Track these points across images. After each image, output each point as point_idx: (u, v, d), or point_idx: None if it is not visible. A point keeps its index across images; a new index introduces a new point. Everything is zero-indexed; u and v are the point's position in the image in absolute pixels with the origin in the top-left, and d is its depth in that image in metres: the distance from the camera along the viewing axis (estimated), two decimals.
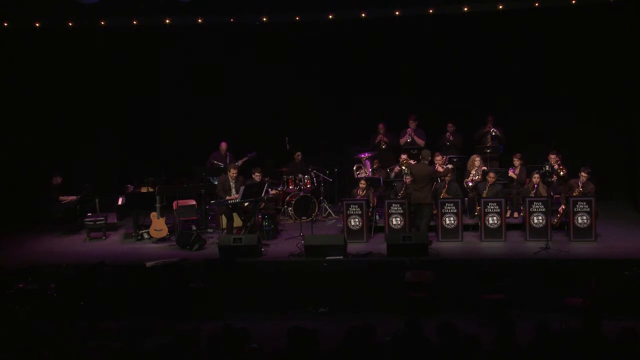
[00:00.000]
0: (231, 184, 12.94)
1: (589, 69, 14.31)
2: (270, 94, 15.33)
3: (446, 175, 12.84)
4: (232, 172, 12.98)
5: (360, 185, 13.09)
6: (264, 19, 14.53)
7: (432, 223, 12.36)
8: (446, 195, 12.57)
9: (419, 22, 14.51)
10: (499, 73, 14.62)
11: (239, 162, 13.88)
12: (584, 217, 11.88)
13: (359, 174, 14.00)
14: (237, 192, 12.68)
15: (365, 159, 14.00)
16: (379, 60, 15.01)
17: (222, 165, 14.05)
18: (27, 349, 6.64)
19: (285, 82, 15.25)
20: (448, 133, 14.30)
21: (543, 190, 12.49)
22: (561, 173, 13.01)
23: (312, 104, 15.19)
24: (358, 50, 15.03)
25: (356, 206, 12.51)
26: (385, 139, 14.50)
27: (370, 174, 13.81)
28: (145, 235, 13.06)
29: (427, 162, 12.48)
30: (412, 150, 14.11)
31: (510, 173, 13.28)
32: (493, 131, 14.12)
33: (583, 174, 12.34)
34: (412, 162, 13.43)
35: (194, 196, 13.39)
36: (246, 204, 12.62)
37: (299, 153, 14.61)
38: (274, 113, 15.38)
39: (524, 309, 9.61)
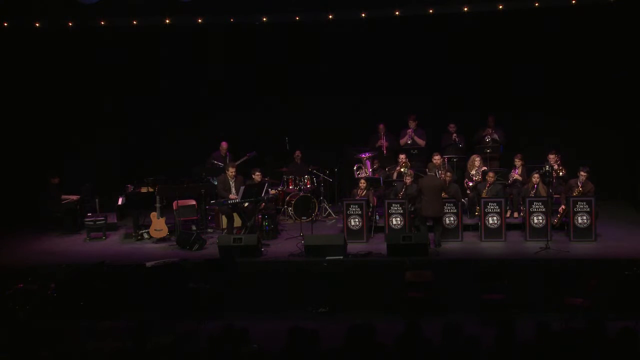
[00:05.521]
0: (230, 182, 12.94)
1: (589, 68, 14.30)
2: (269, 94, 15.33)
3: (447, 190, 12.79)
4: (231, 171, 12.98)
5: (360, 185, 13.10)
6: (264, 19, 14.54)
7: (429, 223, 12.31)
8: (446, 196, 12.56)
9: (419, 21, 14.50)
10: (499, 73, 14.60)
11: (238, 162, 13.88)
12: (584, 217, 11.88)
13: (359, 174, 13.99)
14: (236, 191, 12.70)
15: (366, 159, 14.00)
16: (379, 60, 15.00)
17: (222, 165, 14.04)
18: (27, 349, 6.65)
19: (286, 82, 15.26)
20: (454, 135, 14.27)
21: (543, 190, 12.49)
22: (560, 173, 12.99)
23: (312, 104, 15.17)
24: (358, 49, 15.01)
25: (356, 206, 12.51)
26: (386, 144, 14.40)
27: (370, 174, 13.80)
28: (145, 235, 13.05)
29: (434, 174, 12.34)
30: (412, 151, 14.06)
31: (515, 175, 13.15)
32: (488, 138, 14.03)
33: (582, 173, 12.35)
34: (408, 162, 13.43)
35: (194, 196, 13.38)
36: (246, 204, 12.62)
37: (298, 152, 14.61)
38: (273, 113, 15.37)
39: (524, 309, 9.62)
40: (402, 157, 13.71)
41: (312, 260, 11.26)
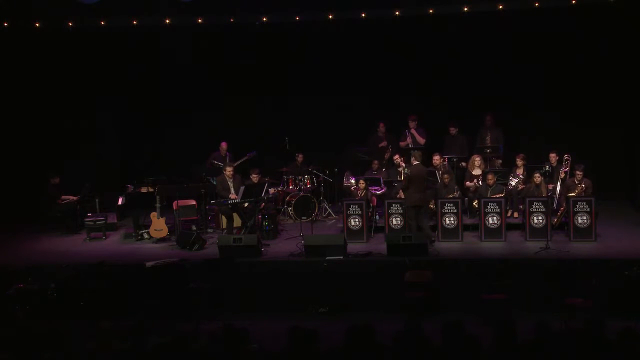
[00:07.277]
0: (229, 182, 12.95)
1: (589, 68, 14.30)
2: (269, 94, 15.33)
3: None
4: (228, 170, 13.00)
5: (360, 185, 13.10)
6: (264, 19, 14.54)
7: (431, 223, 12.31)
8: (448, 196, 12.57)
9: (419, 22, 14.50)
10: (498, 73, 14.60)
11: (238, 162, 13.88)
12: (584, 217, 11.88)
13: (353, 188, 13.89)
14: (235, 191, 12.70)
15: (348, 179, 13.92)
16: (378, 60, 14.99)
17: (221, 165, 14.04)
18: (27, 349, 6.64)
19: (286, 82, 15.26)
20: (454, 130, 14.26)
21: (544, 191, 12.49)
22: (562, 175, 12.93)
23: (312, 104, 15.16)
24: (357, 50, 15.00)
25: (356, 206, 12.51)
26: (390, 149, 14.28)
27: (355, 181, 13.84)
28: (145, 235, 13.05)
29: (420, 163, 12.32)
30: (413, 150, 14.02)
31: (521, 186, 12.84)
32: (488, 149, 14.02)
33: (578, 172, 12.41)
34: (403, 159, 13.45)
35: (194, 196, 13.39)
36: (246, 204, 12.62)
37: (300, 155, 14.60)
38: (273, 113, 15.36)
39: (524, 309, 9.62)
40: (396, 157, 13.71)
41: (312, 260, 11.26)
